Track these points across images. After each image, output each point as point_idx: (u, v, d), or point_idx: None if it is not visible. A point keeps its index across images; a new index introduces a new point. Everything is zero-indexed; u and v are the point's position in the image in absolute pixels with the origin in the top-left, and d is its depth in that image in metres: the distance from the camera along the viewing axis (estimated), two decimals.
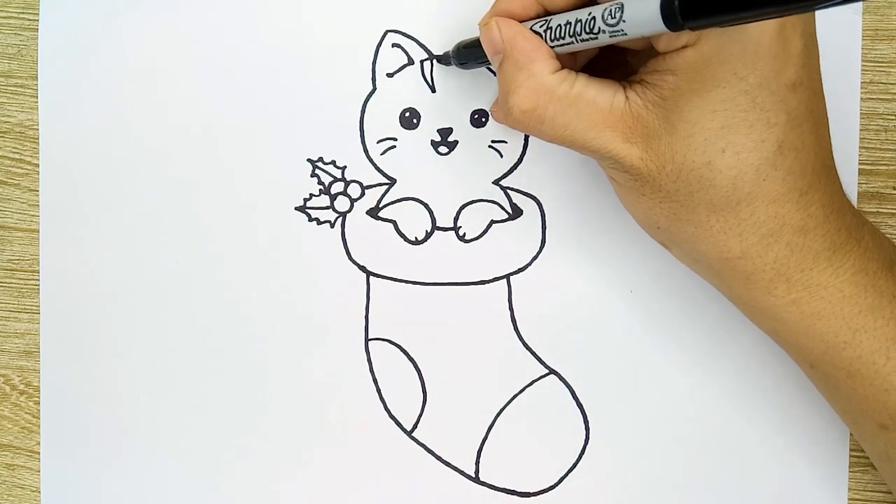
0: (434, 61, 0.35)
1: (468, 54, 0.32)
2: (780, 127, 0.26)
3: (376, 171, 0.36)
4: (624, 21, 0.24)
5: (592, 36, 0.26)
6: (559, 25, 0.27)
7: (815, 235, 0.27)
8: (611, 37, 0.25)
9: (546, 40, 0.28)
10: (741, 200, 0.26)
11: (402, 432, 0.36)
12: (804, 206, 0.27)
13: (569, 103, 0.27)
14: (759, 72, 0.25)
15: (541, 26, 0.28)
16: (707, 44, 0.25)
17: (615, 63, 0.31)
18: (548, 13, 0.28)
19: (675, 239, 0.29)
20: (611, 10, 0.25)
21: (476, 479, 0.36)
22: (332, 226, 0.36)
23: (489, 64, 0.31)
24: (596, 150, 0.27)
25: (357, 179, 0.36)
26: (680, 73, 0.25)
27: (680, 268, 0.35)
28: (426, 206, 0.36)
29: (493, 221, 0.35)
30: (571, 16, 0.27)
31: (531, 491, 0.36)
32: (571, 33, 0.26)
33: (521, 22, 0.29)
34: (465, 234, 0.35)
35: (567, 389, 0.36)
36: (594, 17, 0.25)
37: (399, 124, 0.35)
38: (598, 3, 0.26)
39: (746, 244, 0.27)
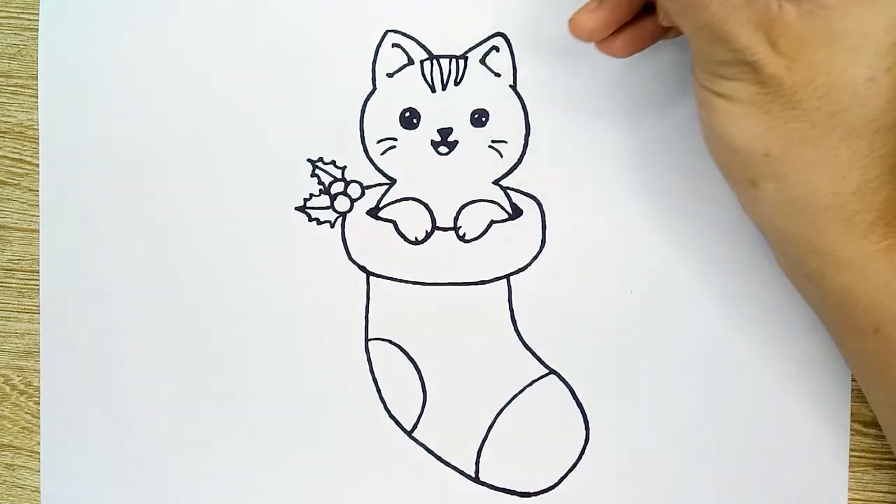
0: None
1: None
2: None
3: (376, 171, 0.36)
4: None
5: None
6: None
7: None
8: None
9: None
10: (881, 128, 0.26)
11: (402, 432, 0.36)
12: None
13: None
14: None
15: None
16: None
17: None
18: None
19: (785, 169, 0.27)
20: None
21: (476, 479, 0.36)
22: (332, 226, 0.36)
23: None
24: (742, 49, 0.26)
25: (357, 179, 0.36)
26: None
27: (680, 268, 0.35)
28: (426, 206, 0.36)
29: (493, 221, 0.35)
30: None
31: (531, 491, 0.36)
32: None
33: None
34: (465, 234, 0.35)
35: (567, 389, 0.36)
36: None
37: (399, 124, 0.35)
38: None
39: (866, 178, 0.26)
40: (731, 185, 0.30)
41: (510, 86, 0.35)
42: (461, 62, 0.35)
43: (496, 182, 0.35)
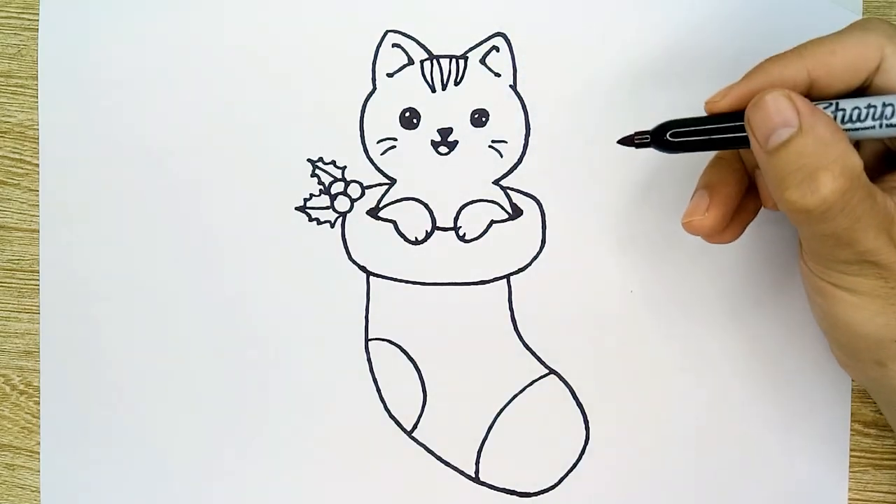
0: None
1: (690, 139, 0.28)
2: None
3: (376, 171, 0.36)
4: None
5: None
6: (857, 108, 0.26)
7: None
8: None
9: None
10: None
11: (402, 432, 0.36)
12: None
13: (868, 194, 0.25)
14: None
15: (826, 108, 0.26)
16: None
17: None
18: (810, 97, 0.27)
19: None
20: None
21: (476, 479, 0.36)
22: (332, 226, 0.36)
23: (712, 148, 0.29)
24: (867, 251, 0.26)
25: (357, 179, 0.36)
26: None
27: (679, 268, 0.35)
28: (426, 206, 0.36)
29: (493, 221, 0.35)
30: (873, 100, 0.26)
31: (531, 491, 0.36)
32: (877, 116, 0.25)
33: None
34: (465, 234, 0.35)
35: (567, 389, 0.36)
36: None
37: (399, 124, 0.35)
38: (868, 91, 0.26)
39: None
40: (854, 364, 0.30)
41: (510, 86, 0.35)
42: (461, 62, 0.35)
43: (496, 182, 0.35)
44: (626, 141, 0.30)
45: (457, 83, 0.35)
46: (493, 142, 0.35)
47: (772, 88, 0.26)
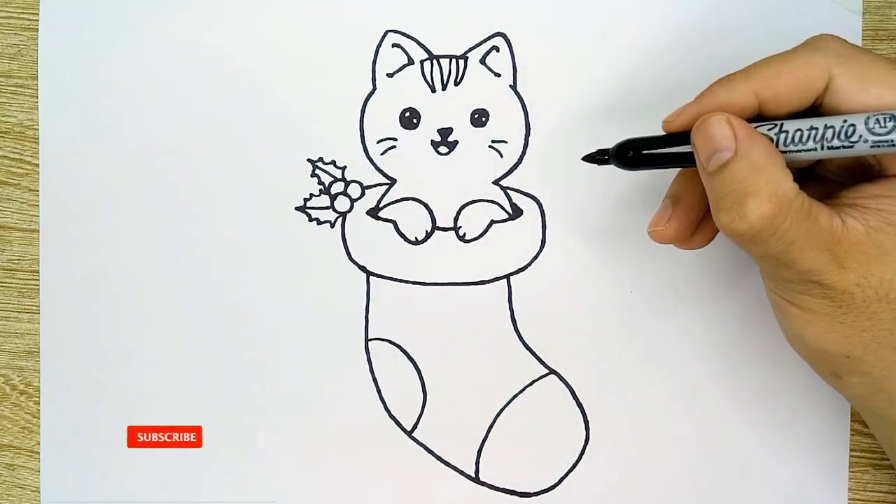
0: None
1: (646, 155, 0.29)
2: None
3: (376, 171, 0.36)
4: None
5: (847, 145, 0.25)
6: (799, 130, 0.26)
7: None
8: (871, 147, 0.24)
9: (778, 145, 0.26)
10: None
11: (402, 432, 0.36)
12: None
13: (803, 217, 0.26)
14: None
15: (770, 129, 0.26)
16: None
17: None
18: (761, 117, 0.27)
19: (868, 367, 0.28)
20: (880, 119, 0.24)
21: (476, 479, 0.36)
22: (332, 226, 0.36)
23: (668, 166, 0.30)
24: (807, 272, 0.26)
25: (357, 179, 0.36)
26: None
27: (679, 268, 0.35)
28: (426, 206, 0.36)
29: (493, 221, 0.35)
30: (815, 121, 0.26)
31: (531, 491, 0.36)
32: (818, 138, 0.25)
33: None
34: (465, 234, 0.35)
35: (567, 389, 0.36)
36: (853, 126, 0.24)
37: (399, 124, 0.35)
38: (821, 115, 0.26)
39: None
40: (817, 373, 0.30)
41: (510, 86, 0.35)
42: (461, 62, 0.35)
43: (496, 182, 0.35)
44: (589, 158, 0.31)
45: (457, 83, 0.35)
46: (493, 142, 0.35)
47: (715, 112, 0.27)
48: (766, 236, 0.26)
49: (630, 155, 0.29)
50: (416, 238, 0.36)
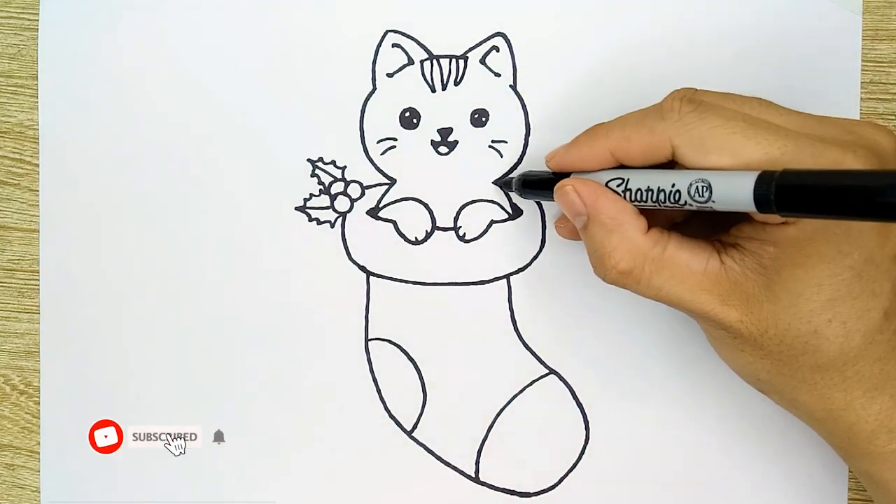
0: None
1: (535, 192, 0.33)
2: (885, 295, 0.26)
3: (376, 171, 0.36)
4: (713, 201, 0.25)
5: (677, 206, 0.26)
6: (640, 190, 0.27)
7: None
8: (698, 208, 0.25)
9: (627, 199, 0.28)
10: (847, 361, 0.27)
11: (402, 432, 0.36)
12: None
13: (662, 265, 0.27)
14: (864, 248, 0.25)
15: (618, 185, 0.28)
16: (809, 223, 0.25)
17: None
18: (621, 166, 0.29)
19: (777, 389, 0.29)
20: (698, 188, 0.25)
21: (476, 479, 0.36)
22: (332, 226, 0.36)
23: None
24: (692, 311, 0.28)
25: (357, 179, 0.36)
26: (781, 245, 0.26)
27: None
28: (426, 206, 0.36)
29: (493, 221, 0.35)
30: (652, 181, 0.27)
31: (531, 491, 0.36)
32: (654, 200, 0.27)
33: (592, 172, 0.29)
34: (465, 234, 0.35)
35: (567, 389, 0.36)
36: (679, 191, 0.26)
37: (399, 124, 0.35)
38: (676, 166, 0.27)
39: (850, 397, 0.27)
40: None
41: (510, 86, 0.35)
42: (461, 62, 0.35)
43: (496, 182, 0.35)
44: (497, 182, 0.35)
45: (457, 83, 0.35)
46: (493, 142, 0.35)
47: (567, 180, 0.29)
48: (633, 286, 0.28)
49: (523, 187, 0.33)
50: (416, 238, 0.36)
